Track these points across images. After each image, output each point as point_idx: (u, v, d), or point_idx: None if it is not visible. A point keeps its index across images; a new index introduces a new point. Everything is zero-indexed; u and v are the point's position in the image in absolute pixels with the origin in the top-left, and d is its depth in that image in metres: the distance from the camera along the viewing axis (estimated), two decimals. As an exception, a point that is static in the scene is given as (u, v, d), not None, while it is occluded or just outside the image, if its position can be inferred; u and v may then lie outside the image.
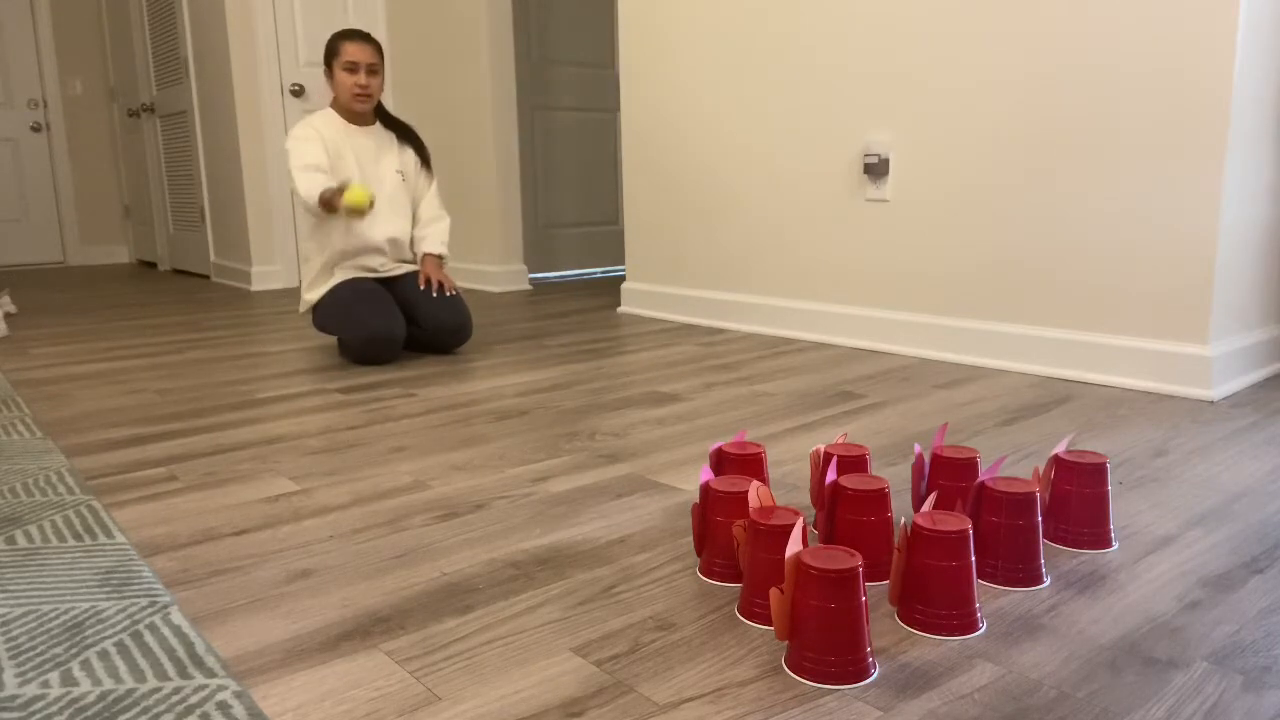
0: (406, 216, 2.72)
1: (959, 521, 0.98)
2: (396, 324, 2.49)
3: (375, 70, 2.60)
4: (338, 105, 2.63)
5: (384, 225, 2.64)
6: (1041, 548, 1.08)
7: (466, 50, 4.08)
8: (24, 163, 5.88)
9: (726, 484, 1.10)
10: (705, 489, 1.11)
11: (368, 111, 2.64)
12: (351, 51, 2.55)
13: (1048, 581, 1.07)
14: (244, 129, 4.31)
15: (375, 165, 2.65)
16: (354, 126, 2.63)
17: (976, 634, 0.95)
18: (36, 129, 5.89)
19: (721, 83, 2.90)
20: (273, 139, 4.37)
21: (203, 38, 4.49)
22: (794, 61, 2.67)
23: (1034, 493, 1.07)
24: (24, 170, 5.88)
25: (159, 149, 5.32)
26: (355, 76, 2.56)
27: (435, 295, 2.59)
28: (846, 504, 1.10)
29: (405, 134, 2.74)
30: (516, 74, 4.15)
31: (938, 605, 0.95)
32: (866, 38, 2.47)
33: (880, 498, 1.09)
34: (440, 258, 2.71)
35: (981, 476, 1.13)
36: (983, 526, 1.08)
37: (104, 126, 6.11)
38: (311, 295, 2.61)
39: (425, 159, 2.77)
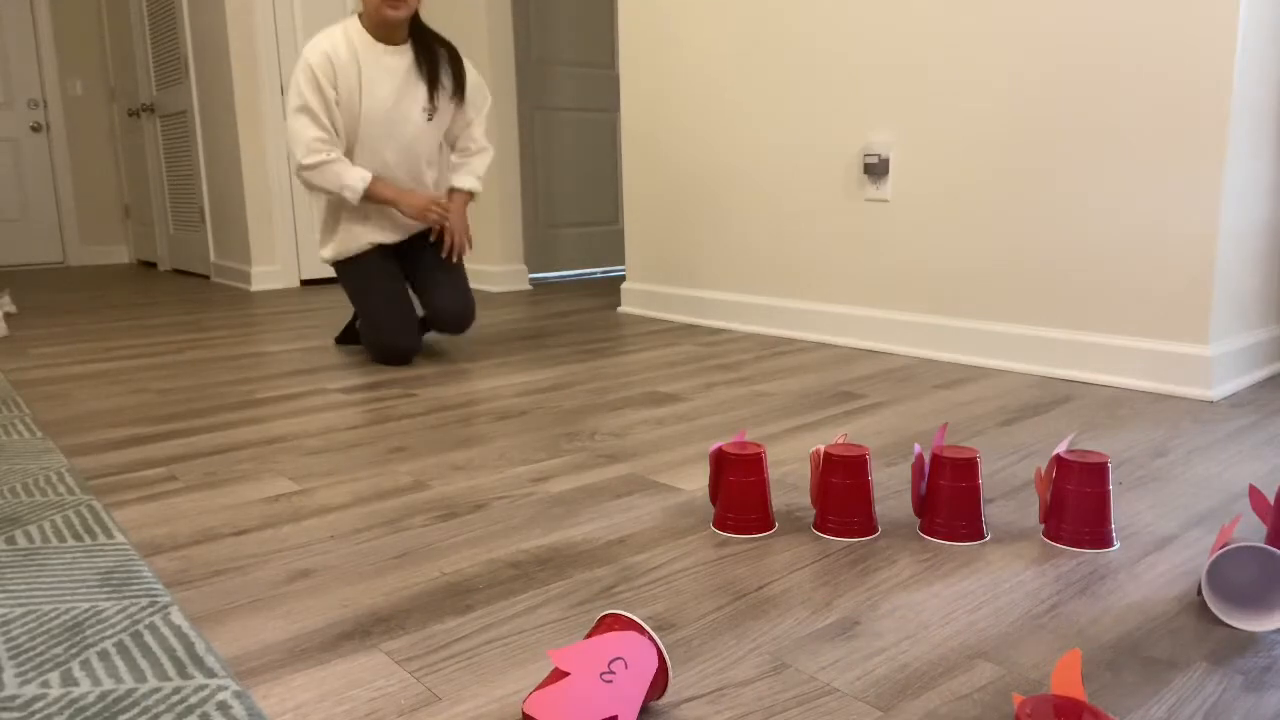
0: (431, 163, 2.45)
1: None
2: (415, 339, 2.46)
3: None
4: (366, 18, 2.25)
5: (402, 180, 2.39)
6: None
7: (466, 50, 4.08)
8: (24, 163, 5.88)
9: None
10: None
11: (401, 24, 2.24)
12: None
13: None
14: (244, 129, 4.31)
15: (399, 100, 2.29)
16: (382, 45, 2.26)
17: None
18: (36, 129, 5.89)
19: (721, 83, 2.90)
20: (273, 139, 4.37)
21: (203, 38, 4.49)
22: (794, 61, 2.67)
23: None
24: (24, 170, 5.88)
25: (159, 149, 5.32)
26: None
27: (446, 261, 2.46)
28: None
29: (440, 59, 2.33)
30: (516, 74, 4.16)
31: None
32: (866, 39, 2.47)
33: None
34: (471, 195, 2.47)
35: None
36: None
37: (104, 127, 6.11)
38: (327, 251, 2.49)
39: (461, 85, 2.39)
